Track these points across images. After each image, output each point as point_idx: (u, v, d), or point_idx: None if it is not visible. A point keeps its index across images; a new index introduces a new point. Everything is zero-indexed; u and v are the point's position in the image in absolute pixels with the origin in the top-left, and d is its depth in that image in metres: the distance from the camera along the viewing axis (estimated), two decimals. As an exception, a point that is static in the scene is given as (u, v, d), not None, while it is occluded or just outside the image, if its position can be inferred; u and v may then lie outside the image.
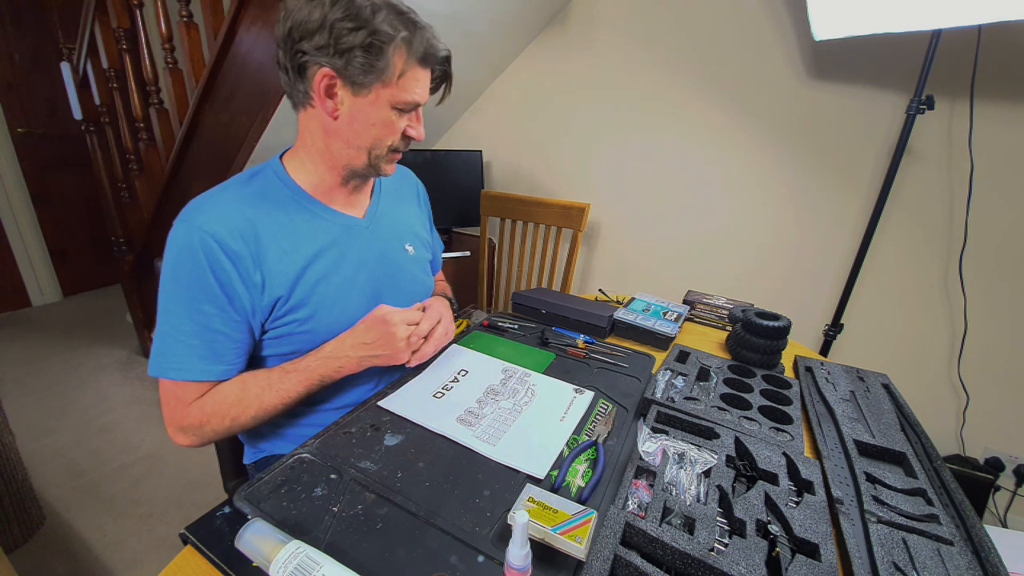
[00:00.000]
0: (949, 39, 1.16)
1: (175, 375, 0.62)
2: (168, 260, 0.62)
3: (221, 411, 0.64)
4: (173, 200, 1.79)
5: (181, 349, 0.62)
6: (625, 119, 1.74)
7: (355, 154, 0.69)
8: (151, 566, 1.25)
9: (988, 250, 1.30)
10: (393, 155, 0.71)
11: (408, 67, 0.64)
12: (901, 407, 0.74)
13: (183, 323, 0.62)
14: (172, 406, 0.64)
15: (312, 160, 0.71)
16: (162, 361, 0.62)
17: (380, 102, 0.64)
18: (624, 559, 0.44)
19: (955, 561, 0.46)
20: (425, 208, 0.96)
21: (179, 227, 0.62)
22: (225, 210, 0.64)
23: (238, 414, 0.65)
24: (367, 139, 0.67)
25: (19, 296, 2.70)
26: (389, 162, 0.72)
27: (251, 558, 0.43)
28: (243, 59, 1.33)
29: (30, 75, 2.53)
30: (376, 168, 0.71)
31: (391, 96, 0.64)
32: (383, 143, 0.68)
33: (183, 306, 0.62)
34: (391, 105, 0.65)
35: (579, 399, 0.72)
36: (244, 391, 0.65)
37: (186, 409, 0.64)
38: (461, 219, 1.95)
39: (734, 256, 1.68)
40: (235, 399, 0.65)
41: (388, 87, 0.64)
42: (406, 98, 0.65)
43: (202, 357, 0.63)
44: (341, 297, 0.72)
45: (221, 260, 0.61)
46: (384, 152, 0.69)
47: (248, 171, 0.71)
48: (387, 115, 0.66)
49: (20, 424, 1.70)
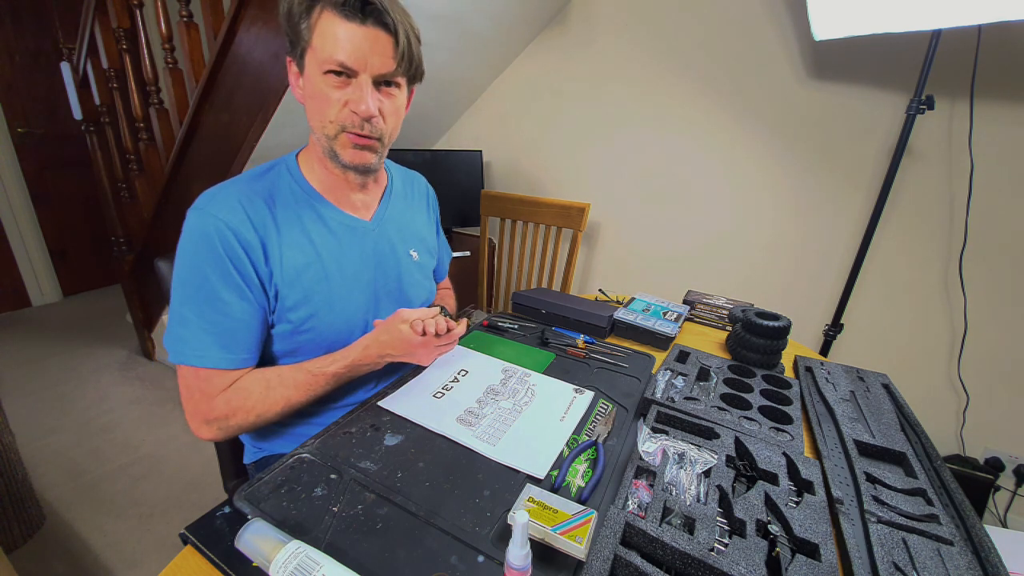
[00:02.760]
0: (949, 39, 1.16)
1: (196, 362, 0.62)
2: (184, 247, 0.62)
3: (245, 407, 0.64)
4: (173, 200, 1.79)
5: (201, 336, 0.61)
6: (625, 119, 1.74)
7: (318, 138, 0.67)
8: (151, 566, 1.25)
9: (988, 250, 1.30)
10: (348, 137, 0.64)
11: (325, 21, 0.58)
12: (901, 407, 0.74)
13: (202, 310, 0.61)
14: (196, 399, 0.63)
15: (315, 158, 0.71)
16: (182, 347, 0.61)
17: (311, 71, 0.61)
18: (624, 559, 0.44)
19: (955, 561, 0.46)
20: (434, 214, 0.95)
21: (194, 215, 0.62)
22: (238, 201, 0.64)
23: (263, 411, 0.65)
24: (313, 118, 0.64)
25: (19, 296, 2.70)
26: (344, 146, 0.65)
27: (251, 558, 0.43)
28: (243, 59, 1.33)
29: (30, 75, 2.53)
30: (334, 153, 0.66)
31: (315, 60, 0.60)
32: (323, 119, 0.63)
33: (201, 293, 0.61)
34: (319, 71, 0.60)
35: (579, 399, 0.72)
36: (268, 390, 0.66)
37: (212, 402, 0.63)
38: (461, 219, 1.95)
39: (734, 256, 1.68)
40: (260, 396, 0.65)
41: (310, 51, 0.60)
42: (323, 56, 0.59)
43: (222, 346, 0.62)
44: (342, 297, 0.72)
45: (236, 248, 0.61)
46: (332, 132, 0.64)
47: (263, 165, 0.72)
48: (318, 84, 0.61)
49: (20, 424, 1.70)
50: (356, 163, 0.67)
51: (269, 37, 1.25)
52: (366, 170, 0.71)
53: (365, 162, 0.68)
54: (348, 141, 0.65)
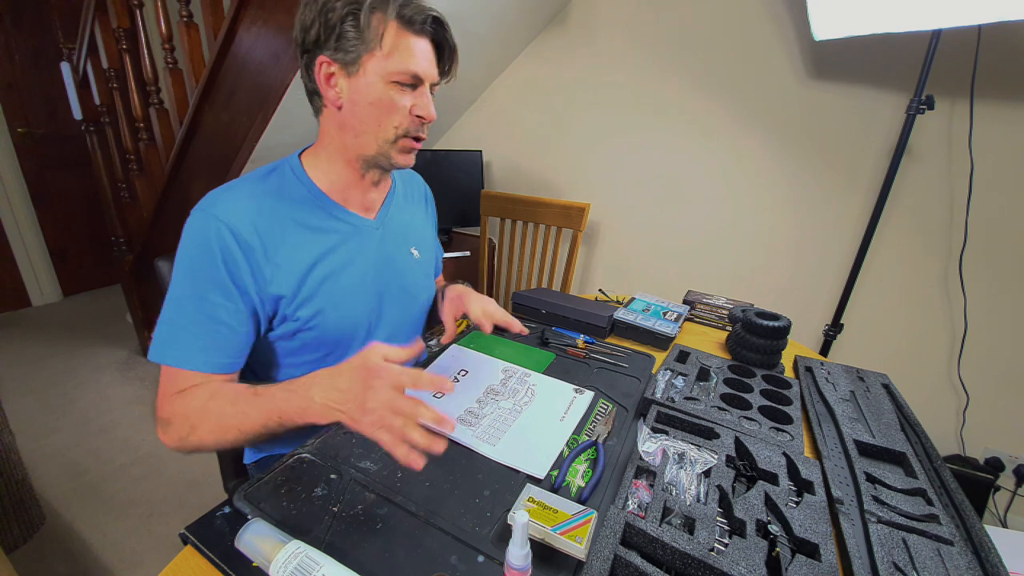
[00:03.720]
0: (949, 39, 1.16)
1: (173, 362, 0.60)
2: (182, 248, 0.62)
3: (183, 413, 0.59)
4: (173, 200, 1.79)
5: (184, 337, 0.61)
6: (625, 119, 1.74)
7: (364, 142, 0.67)
8: (151, 566, 1.25)
9: (988, 250, 1.30)
10: (405, 142, 0.67)
11: (392, 32, 0.60)
12: (901, 407, 0.74)
13: (189, 311, 0.61)
14: (159, 394, 0.62)
15: (330, 159, 0.71)
16: (163, 348, 0.61)
17: (373, 78, 0.62)
18: (624, 559, 0.44)
19: (955, 561, 0.46)
20: (431, 212, 0.96)
21: (196, 216, 0.62)
22: (242, 203, 0.64)
23: (196, 423, 0.57)
24: (370, 123, 0.65)
25: (19, 296, 2.70)
26: (402, 151, 0.68)
27: (251, 558, 0.43)
28: (243, 59, 1.33)
29: (30, 75, 2.52)
30: (387, 157, 0.68)
31: (382, 69, 0.61)
32: (387, 125, 0.65)
33: (191, 293, 0.61)
34: (385, 80, 0.62)
35: (579, 399, 0.72)
36: (211, 400, 0.58)
37: (164, 400, 0.60)
38: (461, 219, 1.95)
39: (734, 256, 1.68)
40: (199, 405, 0.58)
41: (375, 58, 0.61)
42: (397, 67, 0.61)
43: (203, 348, 0.61)
44: (347, 297, 0.72)
45: (234, 250, 0.61)
46: (391, 137, 0.66)
47: (266, 167, 0.72)
48: (383, 92, 0.63)
49: (20, 424, 1.70)
50: (404, 164, 0.71)
51: (269, 37, 1.25)
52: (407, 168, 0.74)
53: (410, 163, 0.72)
54: (406, 145, 0.68)
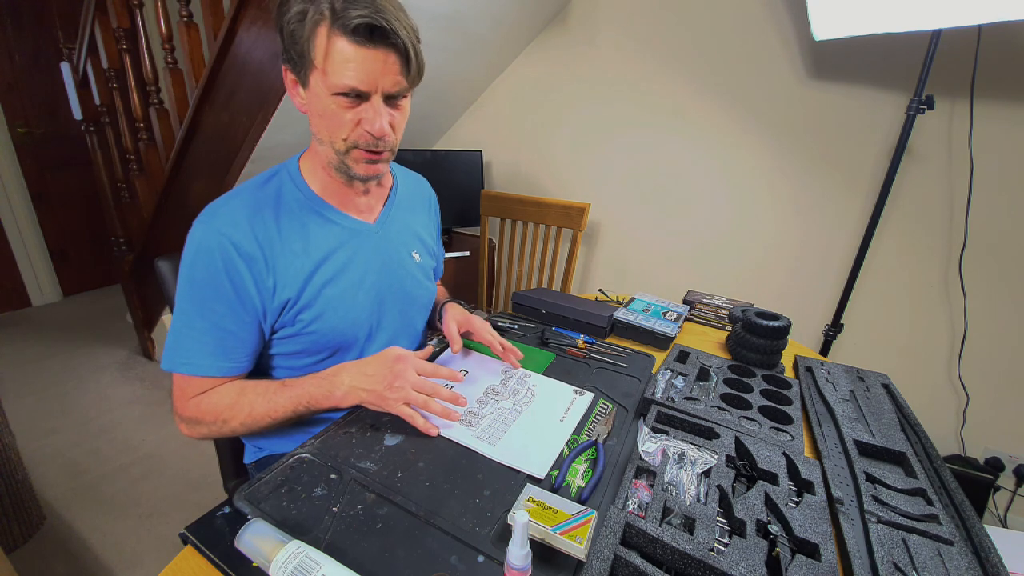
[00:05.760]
0: (949, 39, 1.16)
1: (184, 369, 0.64)
2: (186, 260, 0.64)
3: (215, 411, 0.65)
4: (173, 200, 1.79)
5: (192, 345, 0.64)
6: (625, 119, 1.74)
7: (325, 151, 0.66)
8: (151, 566, 1.25)
9: (988, 250, 1.30)
10: (359, 153, 0.65)
11: (333, 45, 0.56)
12: (901, 407, 0.74)
13: (195, 320, 0.64)
14: (177, 396, 0.67)
15: (314, 162, 0.71)
16: (173, 356, 0.65)
17: (319, 90, 0.60)
18: (624, 559, 0.44)
19: (955, 561, 0.46)
20: (435, 218, 0.95)
21: (198, 228, 0.64)
22: (242, 213, 0.65)
23: (228, 417, 0.65)
24: (324, 133, 0.64)
25: (19, 296, 2.70)
26: (357, 161, 0.65)
27: (251, 558, 0.43)
28: (243, 59, 1.32)
29: (30, 75, 2.52)
30: (345, 167, 0.66)
31: (323, 82, 0.59)
32: (336, 137, 0.63)
33: (196, 304, 0.64)
34: (328, 92, 0.59)
35: (579, 399, 0.72)
36: (240, 396, 0.65)
37: (186, 402, 0.66)
38: (461, 219, 1.95)
39: (734, 256, 1.68)
40: (229, 403, 0.65)
41: (317, 72, 0.59)
42: (334, 80, 0.58)
43: (211, 353, 0.65)
44: (347, 300, 0.72)
45: (236, 262, 0.63)
46: (342, 148, 0.64)
47: (266, 173, 0.72)
48: (327, 105, 0.60)
49: (20, 424, 1.70)
50: (369, 175, 0.68)
51: (269, 37, 1.25)
52: (376, 179, 0.72)
53: (377, 173, 0.69)
54: (361, 157, 0.65)
